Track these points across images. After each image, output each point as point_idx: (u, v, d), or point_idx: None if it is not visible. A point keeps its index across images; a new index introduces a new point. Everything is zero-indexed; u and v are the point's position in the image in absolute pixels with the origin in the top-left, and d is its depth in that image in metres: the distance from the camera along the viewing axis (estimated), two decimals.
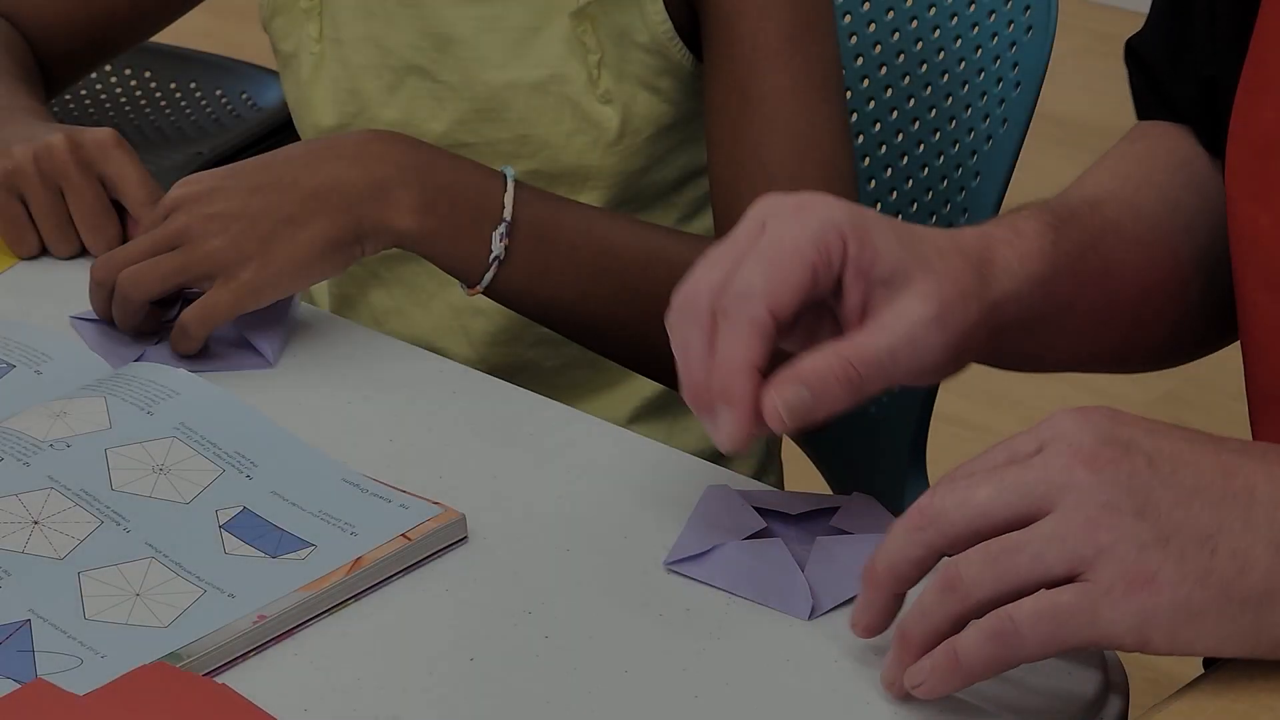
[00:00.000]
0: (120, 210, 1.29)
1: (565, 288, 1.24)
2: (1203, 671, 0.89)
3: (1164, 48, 1.17)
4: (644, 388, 1.45)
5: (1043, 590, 0.82)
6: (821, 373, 0.94)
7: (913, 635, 0.86)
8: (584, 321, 1.27)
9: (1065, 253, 1.05)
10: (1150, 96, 1.19)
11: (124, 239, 1.29)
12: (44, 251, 1.31)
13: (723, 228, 1.32)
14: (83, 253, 1.30)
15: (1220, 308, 1.14)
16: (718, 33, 1.32)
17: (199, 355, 1.18)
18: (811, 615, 0.95)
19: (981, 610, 0.83)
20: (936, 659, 0.85)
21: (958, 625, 0.84)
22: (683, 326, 0.96)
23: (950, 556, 0.85)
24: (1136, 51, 1.19)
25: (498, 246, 1.21)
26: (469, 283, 1.22)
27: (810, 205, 0.97)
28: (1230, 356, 1.10)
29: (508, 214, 1.21)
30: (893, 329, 0.95)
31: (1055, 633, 0.82)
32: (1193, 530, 0.82)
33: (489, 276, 1.21)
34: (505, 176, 1.22)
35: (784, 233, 0.95)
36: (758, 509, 1.01)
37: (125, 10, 1.50)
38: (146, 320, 1.19)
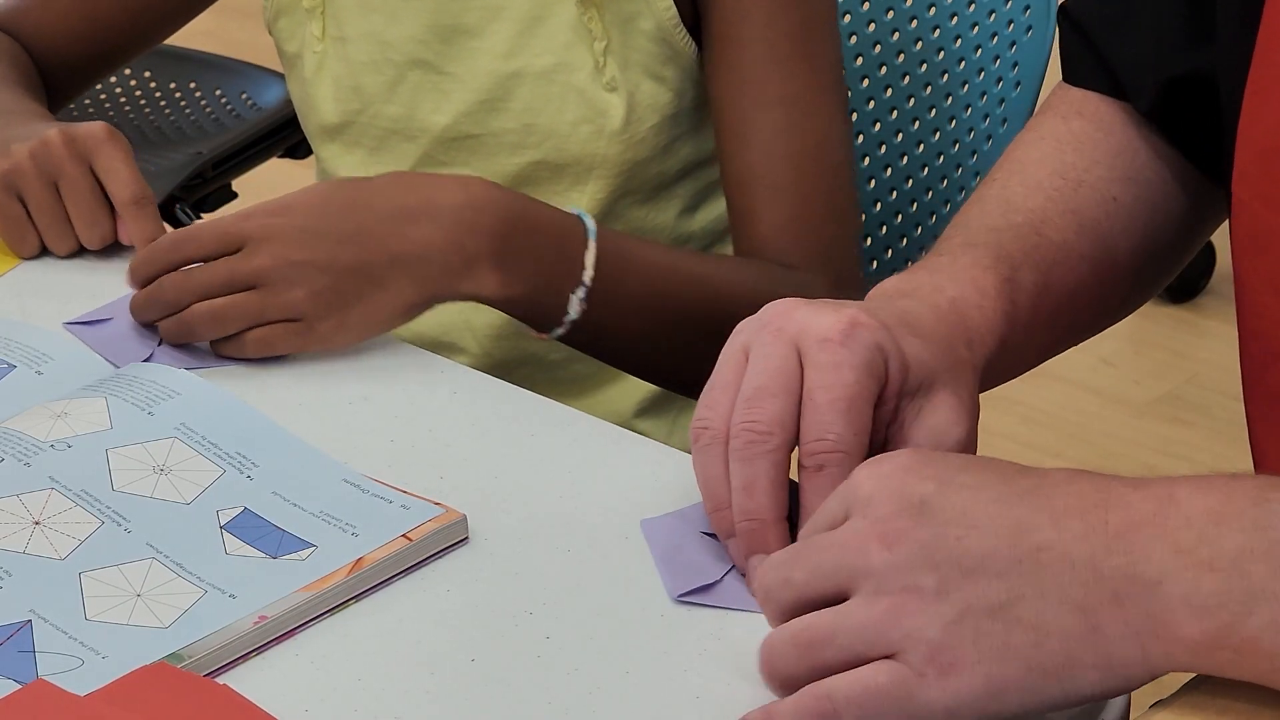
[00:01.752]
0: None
1: (631, 332, 1.24)
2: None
3: (1106, 16, 1.16)
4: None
5: (860, 669, 0.83)
6: None
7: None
8: (643, 359, 1.28)
9: (1023, 307, 1.07)
10: (1085, 63, 1.18)
11: (114, 234, 1.29)
12: (45, 252, 1.31)
13: (739, 236, 1.33)
14: (81, 252, 1.30)
15: (1145, 285, 1.18)
16: (724, 33, 1.32)
17: (198, 353, 1.18)
18: None
19: (795, 689, 0.85)
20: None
21: None
22: (714, 462, 0.97)
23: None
24: (1072, 16, 1.19)
25: (575, 309, 1.20)
26: (539, 330, 1.22)
27: (851, 330, 0.96)
28: (1231, 356, 1.10)
29: (588, 277, 1.20)
30: None
31: (873, 713, 0.83)
32: (985, 603, 0.82)
33: (561, 331, 1.22)
34: (586, 229, 1.21)
35: (846, 375, 0.95)
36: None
37: (127, 21, 1.50)
38: None
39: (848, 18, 1.57)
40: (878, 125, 1.58)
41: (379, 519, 1.01)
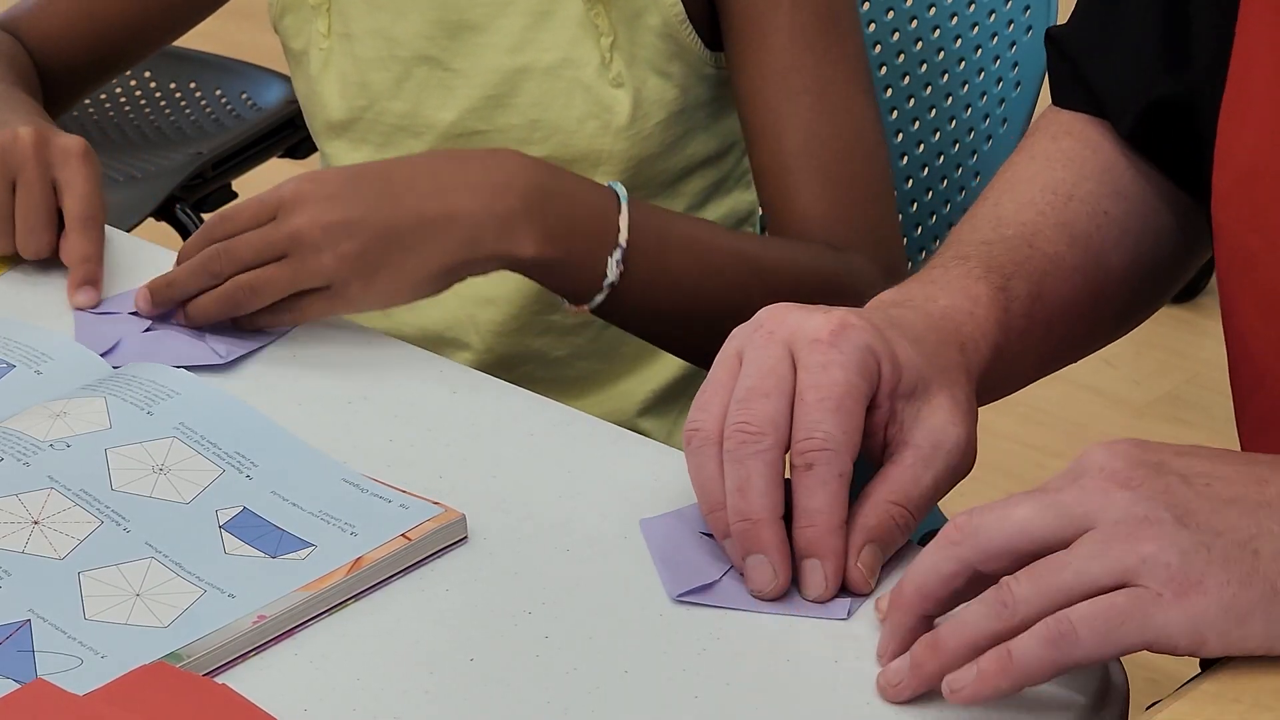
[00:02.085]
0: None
1: (672, 305, 1.24)
2: (1198, 672, 0.89)
3: (1088, 41, 1.17)
4: (653, 379, 1.45)
5: (1099, 596, 0.83)
6: (887, 526, 0.97)
7: (948, 645, 0.87)
8: (684, 336, 1.27)
9: (1016, 315, 1.07)
10: (1071, 87, 1.19)
11: (52, 249, 1.27)
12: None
13: (776, 225, 1.32)
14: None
15: (1141, 302, 1.19)
16: (748, 27, 1.32)
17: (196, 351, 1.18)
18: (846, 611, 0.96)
19: (1025, 627, 0.84)
20: (987, 663, 0.85)
21: (996, 642, 0.85)
22: (706, 463, 0.97)
23: (984, 573, 0.86)
24: (1057, 41, 1.19)
25: (613, 271, 1.21)
26: (577, 302, 1.23)
27: (841, 331, 0.97)
28: None
29: (623, 238, 1.21)
30: (932, 460, 0.98)
31: (1111, 634, 0.83)
32: (1233, 535, 0.83)
33: (600, 298, 1.22)
34: (619, 196, 1.22)
35: (835, 375, 0.96)
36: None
37: (129, 25, 1.50)
38: None
39: None
40: None
41: (378, 518, 1.01)
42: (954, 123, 1.54)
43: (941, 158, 1.55)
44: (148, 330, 1.20)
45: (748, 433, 0.95)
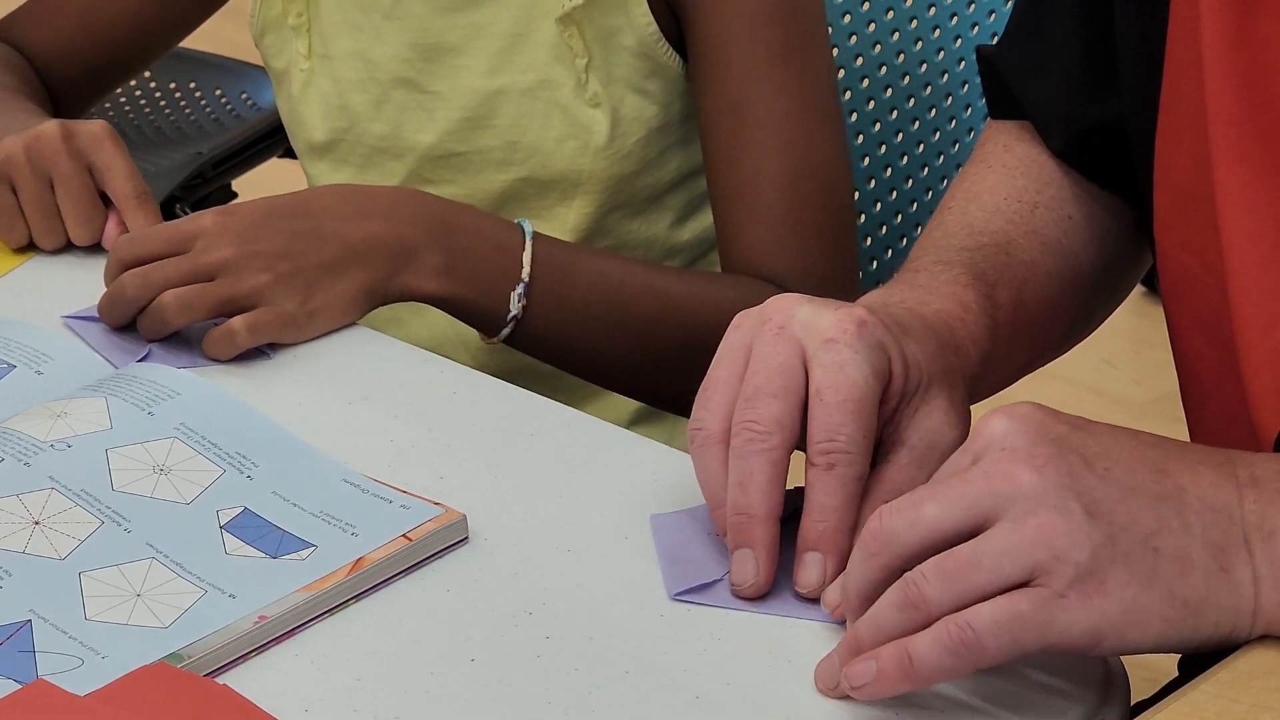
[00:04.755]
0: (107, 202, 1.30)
1: (580, 339, 1.26)
2: (1178, 674, 0.89)
3: (1017, 64, 1.18)
4: None
5: (999, 597, 0.83)
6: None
7: (866, 644, 0.87)
8: (598, 368, 1.29)
9: (1002, 323, 1.08)
10: (1009, 102, 1.20)
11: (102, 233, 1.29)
12: (43, 250, 1.31)
13: (723, 257, 1.33)
14: (82, 250, 1.30)
15: (1108, 296, 1.21)
16: (708, 54, 1.32)
17: (197, 351, 1.18)
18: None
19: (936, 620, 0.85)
20: (886, 662, 0.85)
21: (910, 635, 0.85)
22: (709, 462, 0.97)
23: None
24: (989, 60, 1.21)
25: (515, 306, 1.23)
26: (487, 335, 1.25)
27: (858, 330, 0.97)
28: None
29: (526, 274, 1.23)
30: (926, 460, 0.98)
31: (1015, 640, 0.83)
32: (1136, 529, 0.83)
33: (506, 332, 1.24)
34: (524, 233, 1.24)
35: (853, 375, 0.96)
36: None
37: (126, 35, 1.50)
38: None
39: (848, 18, 1.57)
40: (878, 125, 1.58)
41: (379, 519, 1.01)
42: (954, 123, 1.54)
43: (941, 157, 1.55)
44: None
45: (755, 431, 0.95)
